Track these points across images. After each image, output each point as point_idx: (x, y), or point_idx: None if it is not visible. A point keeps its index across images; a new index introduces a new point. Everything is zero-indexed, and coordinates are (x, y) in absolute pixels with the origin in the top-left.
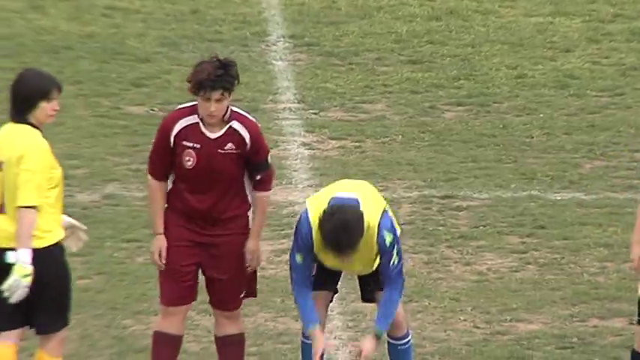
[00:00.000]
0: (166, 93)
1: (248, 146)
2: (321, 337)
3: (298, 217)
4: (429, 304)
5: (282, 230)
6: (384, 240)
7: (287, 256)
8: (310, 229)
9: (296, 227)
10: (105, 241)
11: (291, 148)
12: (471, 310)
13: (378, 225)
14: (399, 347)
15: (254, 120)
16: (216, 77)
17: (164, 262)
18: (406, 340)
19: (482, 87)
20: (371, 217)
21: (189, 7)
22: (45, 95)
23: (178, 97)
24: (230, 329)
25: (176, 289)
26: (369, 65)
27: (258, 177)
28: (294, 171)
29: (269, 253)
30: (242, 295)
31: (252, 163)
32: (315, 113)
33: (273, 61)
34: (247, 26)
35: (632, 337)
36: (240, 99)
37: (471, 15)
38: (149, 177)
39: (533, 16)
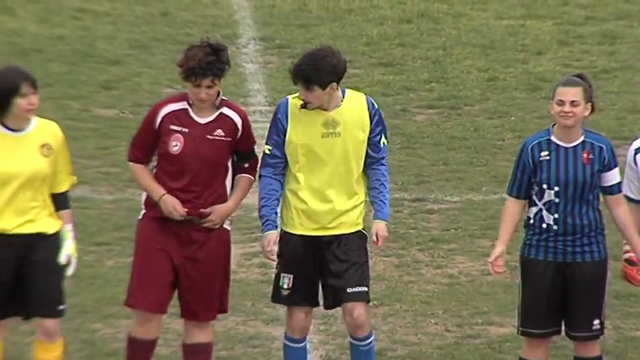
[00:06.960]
0: (136, 95)
1: (240, 132)
2: (272, 237)
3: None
4: (400, 307)
5: (253, 233)
6: (373, 103)
7: (258, 260)
8: (287, 100)
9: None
10: None
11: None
12: (442, 313)
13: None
14: (361, 348)
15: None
16: (207, 64)
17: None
18: (369, 340)
19: (453, 90)
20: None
21: (159, 10)
22: (16, 91)
23: (148, 100)
24: (200, 338)
25: (155, 296)
26: None
27: (246, 165)
28: None
29: (239, 257)
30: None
31: (242, 151)
32: None
33: (244, 64)
34: (218, 28)
35: (604, 340)
36: None
37: (442, 18)
38: (130, 164)
39: (504, 19)
